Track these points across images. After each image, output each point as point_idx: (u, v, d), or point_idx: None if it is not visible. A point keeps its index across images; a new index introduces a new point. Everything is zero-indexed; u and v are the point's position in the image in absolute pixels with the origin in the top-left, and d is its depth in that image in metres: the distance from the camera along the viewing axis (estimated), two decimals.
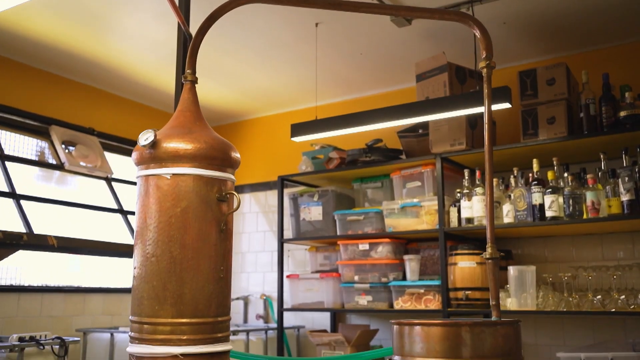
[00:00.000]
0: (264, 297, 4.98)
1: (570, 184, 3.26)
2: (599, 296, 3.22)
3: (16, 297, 3.87)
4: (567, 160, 3.54)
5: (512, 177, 3.54)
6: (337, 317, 4.57)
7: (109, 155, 4.67)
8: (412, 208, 3.81)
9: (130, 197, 4.73)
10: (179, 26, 2.25)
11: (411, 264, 3.81)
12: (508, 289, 3.39)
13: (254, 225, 5.20)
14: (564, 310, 3.24)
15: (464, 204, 3.60)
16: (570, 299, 3.26)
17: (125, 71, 4.37)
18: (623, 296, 3.15)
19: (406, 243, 4.04)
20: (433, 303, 3.65)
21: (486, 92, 1.60)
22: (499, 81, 3.44)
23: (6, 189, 3.89)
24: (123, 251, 3.67)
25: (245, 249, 5.20)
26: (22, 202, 3.91)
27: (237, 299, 5.06)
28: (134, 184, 1.58)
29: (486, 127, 1.60)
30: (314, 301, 4.17)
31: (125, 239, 4.50)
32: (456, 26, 3.57)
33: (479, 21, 1.62)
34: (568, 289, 3.32)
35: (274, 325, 4.47)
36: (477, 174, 3.64)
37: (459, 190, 3.69)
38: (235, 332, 4.09)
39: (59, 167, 4.28)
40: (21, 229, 3.78)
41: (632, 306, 3.10)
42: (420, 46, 3.91)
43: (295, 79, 4.49)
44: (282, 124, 5.01)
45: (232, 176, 1.57)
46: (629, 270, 3.28)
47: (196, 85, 1.64)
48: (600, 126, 3.33)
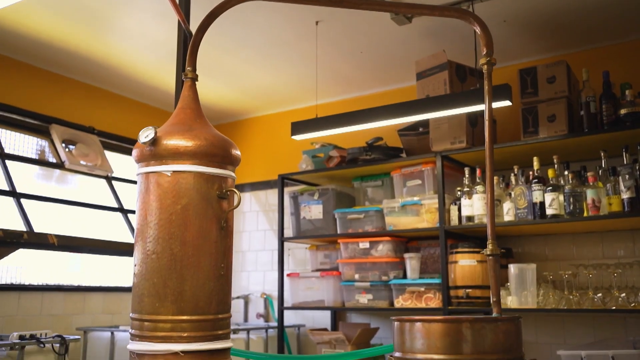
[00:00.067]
0: (265, 296, 4.98)
1: (570, 182, 3.26)
2: (599, 294, 3.22)
3: (16, 295, 3.87)
4: (568, 158, 3.54)
5: (512, 175, 3.54)
6: (338, 316, 4.57)
7: (109, 154, 4.67)
8: (412, 206, 3.81)
9: (130, 195, 4.73)
10: (179, 24, 2.25)
11: (412, 262, 3.81)
12: (508, 287, 3.39)
13: (255, 224, 5.20)
14: (565, 308, 3.24)
15: (464, 202, 3.60)
16: (571, 297, 3.25)
17: (126, 70, 4.37)
18: (623, 294, 3.15)
19: (406, 241, 4.04)
20: (433, 301, 3.65)
21: (487, 88, 1.60)
22: (500, 79, 3.44)
23: (6, 188, 3.89)
24: (123, 250, 3.67)
25: (245, 247, 5.20)
26: (23, 201, 3.91)
27: (238, 297, 5.06)
28: (134, 182, 1.58)
29: (487, 124, 1.60)
30: (314, 300, 4.17)
31: (126, 237, 4.50)
32: (456, 24, 3.56)
33: (479, 17, 1.62)
34: (568, 287, 3.31)
35: (274, 324, 4.47)
36: (478, 172, 3.63)
37: (459, 189, 3.69)
38: (235, 331, 4.09)
39: (59, 165, 4.28)
40: (21, 227, 3.78)
41: (633, 304, 3.10)
42: (420, 44, 3.91)
43: (295, 77, 4.48)
44: (283, 122, 5.01)
45: (233, 173, 1.57)
46: (629, 268, 3.28)
47: (196, 84, 1.64)
48: (600, 124, 3.33)
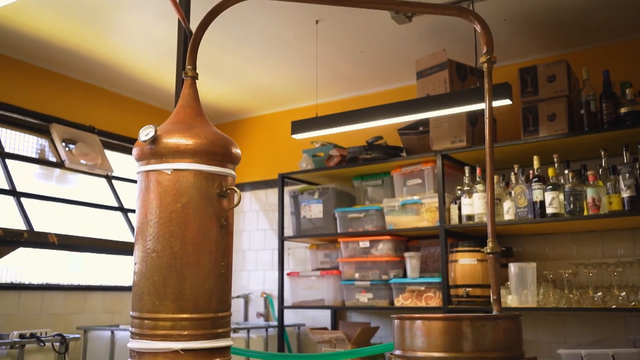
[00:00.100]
0: (265, 295, 4.98)
1: (570, 180, 3.26)
2: (599, 293, 3.22)
3: (17, 295, 3.87)
4: (568, 157, 3.54)
5: (512, 174, 3.54)
6: (338, 315, 4.57)
7: (109, 153, 4.67)
8: (412, 205, 3.81)
9: (130, 195, 4.73)
10: (179, 23, 2.25)
11: (412, 261, 3.81)
12: (509, 286, 3.39)
13: (255, 223, 5.20)
14: (565, 307, 3.24)
15: (464, 201, 3.60)
16: (571, 296, 3.25)
17: (126, 69, 4.37)
18: (624, 293, 3.15)
19: (407, 240, 4.04)
20: (434, 300, 3.65)
21: (487, 86, 1.60)
22: (500, 78, 3.44)
23: (6, 187, 3.89)
24: (123, 249, 3.67)
25: (245, 247, 5.20)
26: (23, 200, 3.91)
27: (238, 297, 5.06)
28: (135, 181, 1.58)
29: (487, 123, 1.60)
30: (314, 299, 4.17)
31: (126, 236, 4.50)
32: (456, 23, 3.56)
33: (480, 16, 1.62)
34: (569, 286, 3.31)
35: (274, 323, 4.47)
36: (478, 171, 3.63)
37: (459, 188, 3.69)
38: (235, 330, 4.09)
39: (60, 165, 4.28)
40: (22, 226, 3.78)
41: (633, 303, 3.10)
42: (420, 43, 3.91)
43: (295, 76, 4.48)
44: (283, 121, 5.01)
45: (233, 172, 1.56)
46: (629, 267, 3.28)
47: (196, 83, 1.64)
48: (600, 123, 3.33)
